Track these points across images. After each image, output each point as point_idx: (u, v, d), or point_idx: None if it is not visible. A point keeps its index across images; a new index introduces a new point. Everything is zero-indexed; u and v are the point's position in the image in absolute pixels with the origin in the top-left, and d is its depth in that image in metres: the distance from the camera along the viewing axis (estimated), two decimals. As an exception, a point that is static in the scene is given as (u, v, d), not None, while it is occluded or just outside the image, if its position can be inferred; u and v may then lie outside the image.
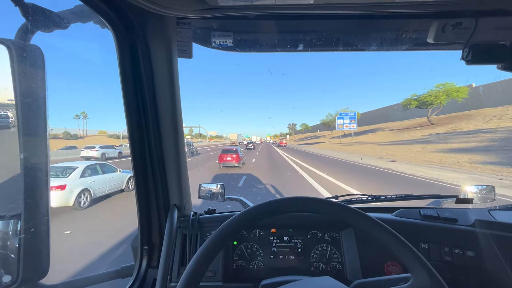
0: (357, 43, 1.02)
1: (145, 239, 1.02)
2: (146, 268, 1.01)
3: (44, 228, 0.73)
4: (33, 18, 0.71)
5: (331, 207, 0.62)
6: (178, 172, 1.02)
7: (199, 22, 0.92)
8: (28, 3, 0.68)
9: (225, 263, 1.03)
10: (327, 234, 1.08)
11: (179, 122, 0.97)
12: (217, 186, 1.29)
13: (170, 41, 0.87)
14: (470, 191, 1.28)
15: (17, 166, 0.68)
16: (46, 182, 0.74)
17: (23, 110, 0.68)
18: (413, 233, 1.03)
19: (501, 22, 0.84)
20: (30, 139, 0.70)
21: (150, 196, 1.01)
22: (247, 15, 0.87)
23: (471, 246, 0.99)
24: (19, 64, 0.67)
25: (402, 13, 0.85)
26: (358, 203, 1.23)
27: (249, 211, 0.61)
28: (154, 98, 0.92)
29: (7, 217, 0.73)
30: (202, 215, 1.12)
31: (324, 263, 1.05)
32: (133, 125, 0.91)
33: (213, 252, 0.57)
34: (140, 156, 0.95)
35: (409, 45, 1.00)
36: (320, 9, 0.77)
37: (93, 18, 0.77)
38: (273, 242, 1.09)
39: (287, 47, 1.02)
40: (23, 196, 0.69)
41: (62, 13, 0.74)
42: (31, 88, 0.69)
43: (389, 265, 1.00)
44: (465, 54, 0.90)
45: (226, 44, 0.97)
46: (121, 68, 0.83)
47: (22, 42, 0.73)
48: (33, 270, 0.73)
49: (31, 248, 0.71)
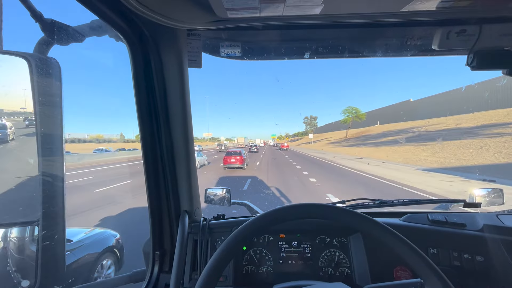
0: (362, 51, 1.04)
1: (157, 244, 1.04)
2: (158, 273, 1.03)
3: (60, 235, 0.75)
4: (51, 32, 0.74)
5: (344, 214, 0.63)
6: (189, 178, 1.04)
7: (208, 33, 0.95)
8: (47, 19, 0.71)
9: (235, 268, 1.04)
10: (335, 239, 1.09)
11: (189, 129, 0.99)
12: (223, 191, 1.29)
13: (181, 52, 0.90)
14: (478, 195, 1.28)
15: (35, 174, 0.71)
16: (63, 189, 0.76)
17: (41, 119, 0.70)
18: (422, 238, 1.04)
19: (506, 29, 0.86)
20: (48, 147, 0.73)
21: (162, 202, 1.03)
22: (255, 26, 0.89)
23: (480, 251, 0.99)
24: (38, 76, 0.70)
25: (407, 21, 0.87)
26: (365, 207, 1.23)
27: (260, 218, 0.63)
28: (166, 106, 0.94)
29: (25, 224, 0.76)
30: (212, 221, 1.14)
31: (333, 268, 1.05)
32: (145, 132, 0.93)
33: (227, 258, 0.59)
34: (152, 162, 0.97)
35: (414, 51, 1.01)
36: (327, 19, 0.79)
37: (108, 32, 0.80)
38: (282, 247, 1.10)
39: (293, 55, 1.04)
40: (41, 203, 0.71)
41: (78, 27, 0.77)
42: (49, 98, 0.72)
43: (398, 270, 1.00)
44: (470, 60, 0.91)
45: (234, 54, 0.99)
46: (135, 78, 0.86)
47: (40, 56, 0.76)
48: (50, 277, 0.74)
49: (49, 254, 0.73)
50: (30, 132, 0.70)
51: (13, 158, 0.77)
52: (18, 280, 0.73)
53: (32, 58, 0.71)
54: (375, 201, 1.24)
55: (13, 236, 0.79)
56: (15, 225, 0.74)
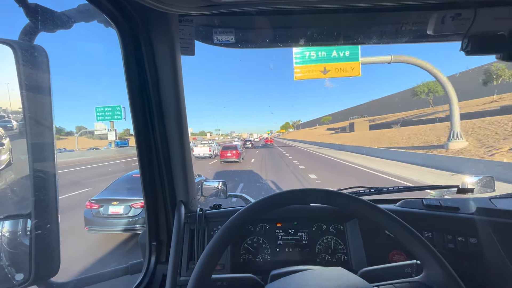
0: (357, 37, 1.03)
1: (153, 235, 1.03)
2: (155, 264, 1.02)
3: (54, 226, 0.73)
4: (36, 18, 0.71)
5: (344, 199, 0.63)
6: (184, 168, 1.03)
7: (201, 19, 0.93)
8: (32, 3, 0.68)
9: (233, 257, 1.05)
10: (332, 226, 1.10)
11: (183, 119, 0.98)
12: (219, 184, 1.30)
13: (173, 39, 0.87)
14: (470, 182, 1.30)
15: (25, 166, 0.69)
16: (54, 180, 0.74)
17: (30, 110, 0.68)
18: (417, 222, 1.05)
19: (500, 12, 0.85)
20: (37, 139, 0.71)
21: (157, 193, 1.02)
22: (249, 11, 0.87)
23: (474, 233, 1.01)
24: (24, 65, 0.67)
25: (402, 5, 0.86)
26: (361, 195, 1.24)
27: (258, 203, 0.62)
28: (159, 96, 0.92)
29: (17, 216, 0.74)
30: (208, 211, 1.14)
31: (330, 255, 1.06)
32: (138, 122, 0.91)
33: (223, 245, 0.59)
34: (146, 153, 0.96)
35: (409, 37, 1.01)
36: (321, 3, 0.77)
37: (96, 17, 0.77)
38: (279, 235, 1.10)
39: (288, 42, 1.02)
40: (33, 196, 0.69)
41: (65, 12, 0.74)
42: (37, 88, 0.69)
43: (394, 254, 1.02)
44: (465, 45, 0.91)
45: (227, 41, 0.97)
46: (126, 66, 0.84)
47: (26, 43, 0.73)
48: (44, 268, 0.73)
49: (42, 247, 0.72)
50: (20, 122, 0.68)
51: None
52: (12, 274, 0.72)
53: (17, 45, 0.68)
54: (371, 189, 1.26)
55: (5, 231, 0.77)
56: (6, 218, 0.72)
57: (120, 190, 4.94)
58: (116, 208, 4.47)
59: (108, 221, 4.42)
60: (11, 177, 0.73)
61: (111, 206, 4.46)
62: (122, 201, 4.51)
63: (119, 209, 4.46)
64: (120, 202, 4.51)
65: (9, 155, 0.73)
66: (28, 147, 0.69)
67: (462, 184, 1.31)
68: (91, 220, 4.42)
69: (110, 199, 4.53)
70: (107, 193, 4.82)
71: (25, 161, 0.69)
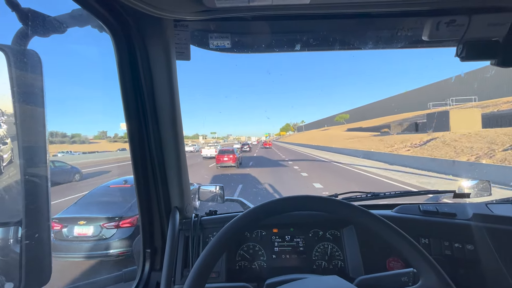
0: (353, 42, 1.03)
1: (147, 242, 1.01)
2: (149, 271, 1.01)
3: (45, 235, 0.72)
4: (30, 23, 0.70)
5: (340, 206, 0.63)
6: (179, 174, 1.02)
7: (196, 24, 0.92)
8: (25, 8, 0.68)
9: (228, 264, 1.03)
10: (329, 232, 1.09)
11: (178, 124, 0.97)
12: (216, 188, 1.28)
13: (168, 44, 0.87)
14: (466, 186, 1.30)
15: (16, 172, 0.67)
16: (47, 187, 0.73)
17: (22, 115, 0.67)
18: (414, 228, 1.05)
19: (494, 19, 0.86)
20: (30, 145, 0.69)
21: (152, 199, 1.01)
22: (245, 16, 0.87)
23: (470, 240, 1.00)
24: (17, 70, 0.66)
25: (397, 11, 0.87)
26: (358, 200, 1.24)
27: (254, 210, 0.61)
28: (154, 101, 0.91)
29: (8, 224, 0.73)
30: (204, 217, 1.12)
31: (326, 261, 1.05)
32: (132, 127, 0.90)
33: (218, 253, 0.58)
34: (140, 158, 0.95)
35: (404, 43, 1.01)
36: (317, 9, 0.78)
37: (90, 22, 0.76)
38: (275, 241, 1.09)
39: (284, 47, 1.02)
40: (24, 203, 0.68)
41: (59, 17, 0.73)
42: (29, 93, 0.68)
43: (391, 261, 1.01)
44: (460, 51, 0.92)
45: (223, 46, 0.97)
46: (120, 71, 0.83)
47: (19, 48, 0.72)
48: (35, 277, 0.72)
49: (33, 255, 0.70)
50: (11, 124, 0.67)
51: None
52: (2, 283, 0.70)
53: (10, 50, 0.67)
54: (367, 194, 1.25)
55: (-5, 239, 0.75)
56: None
57: (91, 205, 4.08)
58: (84, 228, 3.60)
59: (73, 246, 3.53)
60: (2, 183, 0.71)
61: (77, 227, 3.60)
62: (91, 220, 3.64)
63: (87, 230, 3.59)
64: (89, 222, 3.62)
65: (11, 154, 0.72)
66: (19, 152, 0.68)
67: (459, 189, 1.31)
68: (52, 244, 3.82)
69: (76, 218, 3.66)
70: (74, 210, 3.94)
71: (17, 165, 0.68)
